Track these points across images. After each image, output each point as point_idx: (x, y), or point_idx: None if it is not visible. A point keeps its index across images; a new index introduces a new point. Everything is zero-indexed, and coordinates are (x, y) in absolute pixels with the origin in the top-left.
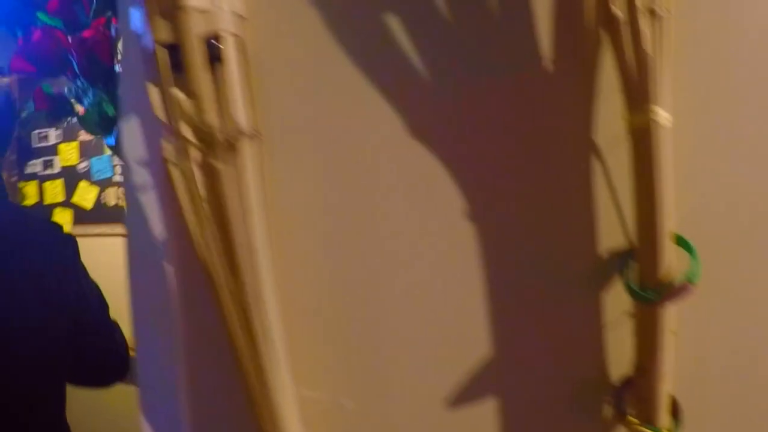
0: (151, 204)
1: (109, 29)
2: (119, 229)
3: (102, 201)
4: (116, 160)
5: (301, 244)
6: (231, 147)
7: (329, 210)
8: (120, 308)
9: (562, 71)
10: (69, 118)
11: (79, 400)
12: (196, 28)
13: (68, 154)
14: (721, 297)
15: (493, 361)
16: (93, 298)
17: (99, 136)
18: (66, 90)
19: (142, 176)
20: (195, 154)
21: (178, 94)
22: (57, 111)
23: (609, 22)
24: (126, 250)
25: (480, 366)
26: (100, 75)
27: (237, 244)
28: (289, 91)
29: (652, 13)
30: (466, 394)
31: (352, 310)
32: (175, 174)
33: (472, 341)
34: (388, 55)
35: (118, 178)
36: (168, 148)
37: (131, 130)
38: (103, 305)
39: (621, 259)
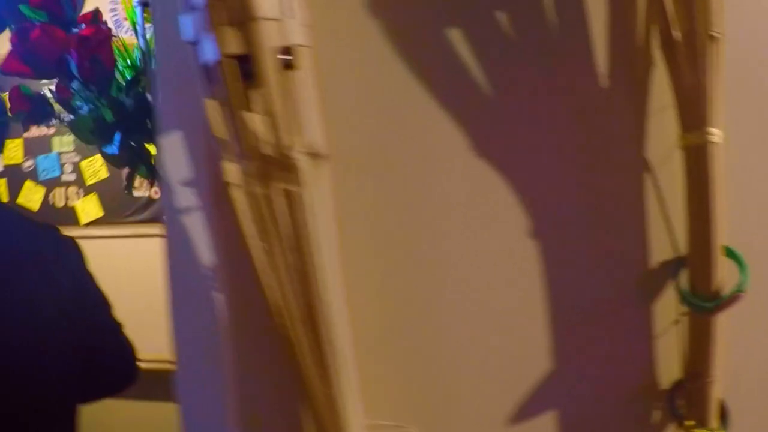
0: (196, 228)
1: (105, 26)
2: (68, 231)
3: (50, 202)
4: (65, 159)
5: (361, 267)
6: (306, 168)
7: (389, 231)
8: None
9: (616, 90)
10: (52, 121)
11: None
12: (269, 40)
13: (12, 151)
14: (760, 304)
15: (552, 376)
16: (102, 299)
17: (93, 145)
18: (47, 91)
19: (187, 199)
20: (266, 176)
21: (250, 110)
22: (37, 113)
23: (668, 44)
24: (167, 277)
25: (540, 383)
26: (102, 78)
27: (311, 271)
28: (346, 106)
29: (710, 37)
30: (526, 412)
31: (415, 335)
32: (239, 198)
33: (531, 358)
34: (449, 71)
35: (66, 177)
36: (230, 170)
37: (173, 148)
38: (109, 307)
39: (673, 270)
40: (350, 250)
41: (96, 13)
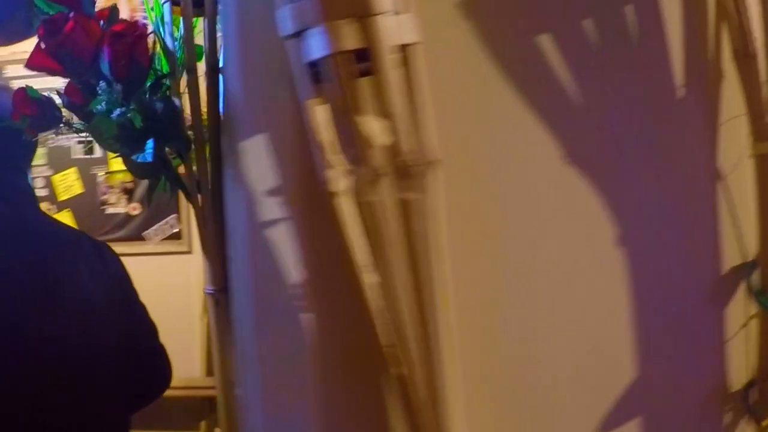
0: (282, 242)
1: (140, 22)
2: None
3: None
4: (36, 173)
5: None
6: (424, 175)
7: (480, 237)
8: None
9: (690, 100)
10: (60, 128)
11: None
12: (389, 36)
13: None
14: None
15: (632, 378)
16: (139, 300)
17: (116, 152)
18: (56, 94)
19: (271, 210)
20: (380, 183)
21: (364, 112)
22: (44, 118)
23: (744, 57)
24: (249, 295)
25: (621, 384)
26: (136, 79)
27: (428, 286)
28: (445, 113)
29: None
30: (608, 413)
31: (507, 341)
32: (345, 208)
33: (612, 359)
34: (539, 80)
35: (37, 192)
36: (336, 179)
37: (254, 156)
38: (145, 308)
39: (746, 272)
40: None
41: (114, 10)
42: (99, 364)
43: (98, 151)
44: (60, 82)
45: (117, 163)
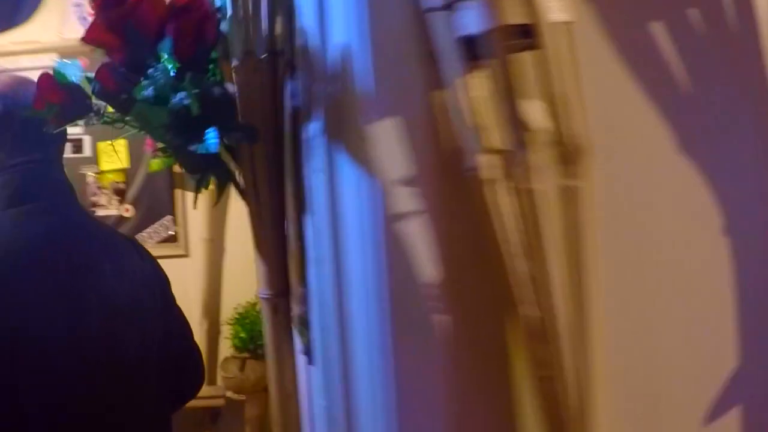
0: (414, 236)
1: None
2: None
3: None
4: None
5: None
6: (582, 161)
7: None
8: None
9: None
10: (91, 118)
11: None
12: (551, 12)
13: None
14: None
15: (737, 372)
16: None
17: (165, 143)
18: (84, 79)
19: (405, 202)
20: (538, 169)
21: (521, 91)
22: (73, 107)
23: None
24: (380, 299)
25: (727, 378)
26: (200, 61)
27: (585, 279)
28: None
29: None
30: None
31: (623, 331)
32: (498, 196)
33: (719, 353)
34: (656, 71)
35: None
36: (490, 164)
37: (384, 143)
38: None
39: None
40: None
41: None
42: (138, 363)
43: (87, 150)
44: None
45: (107, 163)
